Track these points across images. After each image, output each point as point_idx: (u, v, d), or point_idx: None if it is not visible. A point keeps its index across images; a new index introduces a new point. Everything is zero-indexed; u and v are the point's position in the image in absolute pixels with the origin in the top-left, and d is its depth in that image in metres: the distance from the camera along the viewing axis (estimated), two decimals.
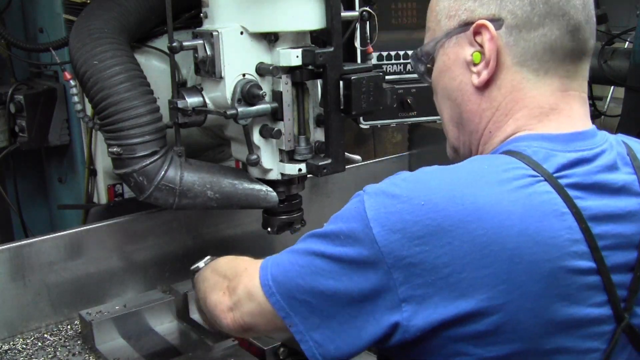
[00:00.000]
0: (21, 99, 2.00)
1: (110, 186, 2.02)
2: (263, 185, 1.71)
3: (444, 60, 1.16)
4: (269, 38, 1.59)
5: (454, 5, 1.13)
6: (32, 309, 1.76)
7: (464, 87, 1.13)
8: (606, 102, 3.85)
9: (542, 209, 0.96)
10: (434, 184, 0.98)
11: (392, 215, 0.97)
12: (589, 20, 1.08)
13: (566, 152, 1.03)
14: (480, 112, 1.12)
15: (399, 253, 0.95)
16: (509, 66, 1.08)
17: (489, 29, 1.06)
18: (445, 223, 0.94)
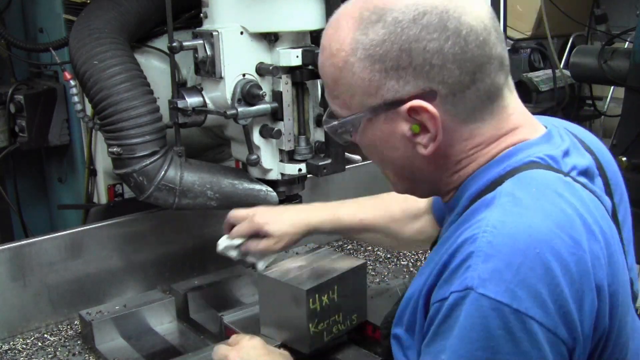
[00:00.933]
0: (21, 99, 2.00)
1: (110, 186, 2.02)
2: (263, 185, 1.72)
3: (375, 133, 1.07)
4: (269, 38, 1.59)
5: (372, 84, 1.01)
6: (32, 309, 1.75)
7: (410, 156, 1.06)
8: (606, 102, 3.85)
9: (592, 203, 1.01)
10: (526, 230, 0.94)
11: (525, 282, 0.90)
12: (502, 39, 1.05)
13: (556, 148, 1.06)
14: (437, 169, 1.08)
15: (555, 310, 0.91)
16: (455, 127, 1.03)
17: (427, 109, 0.99)
18: (564, 254, 0.93)
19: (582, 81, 3.49)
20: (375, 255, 2.19)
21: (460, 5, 0.99)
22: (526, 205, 0.96)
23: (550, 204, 0.96)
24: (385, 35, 0.99)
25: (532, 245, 0.91)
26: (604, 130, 3.91)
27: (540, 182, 0.99)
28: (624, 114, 2.93)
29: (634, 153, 2.69)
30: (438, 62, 0.98)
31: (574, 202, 0.98)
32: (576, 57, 3.23)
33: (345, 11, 1.05)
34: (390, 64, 0.99)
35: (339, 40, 1.03)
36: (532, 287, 0.90)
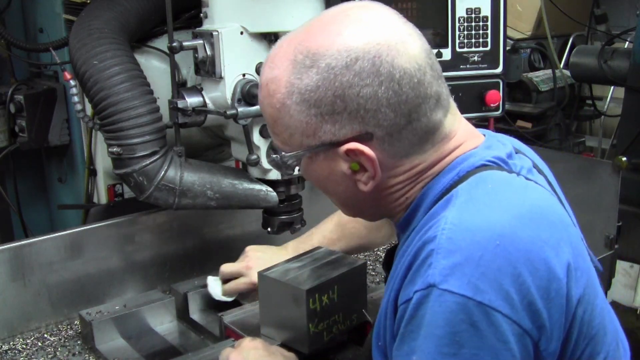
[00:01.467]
0: (21, 99, 2.00)
1: (110, 186, 2.02)
2: (263, 185, 1.72)
3: (316, 169, 1.10)
4: (269, 38, 1.59)
5: (309, 127, 1.03)
6: (32, 309, 1.75)
7: (353, 192, 1.08)
8: (606, 102, 3.85)
9: (547, 198, 1.07)
10: (484, 224, 0.95)
11: (486, 275, 0.91)
12: (439, 76, 1.05)
13: (499, 152, 1.09)
14: (382, 199, 1.10)
15: (518, 300, 0.91)
16: (395, 163, 1.05)
17: (363, 151, 1.01)
18: (529, 245, 0.94)
19: (582, 81, 3.48)
20: (375, 255, 2.19)
21: (393, 48, 0.99)
22: (483, 202, 0.98)
23: (507, 199, 0.99)
24: (319, 81, 1.00)
25: (492, 238, 0.92)
26: (604, 130, 3.91)
27: (496, 180, 1.02)
28: (624, 114, 2.93)
29: (634, 153, 2.69)
30: (372, 106, 0.99)
31: (531, 195, 1.02)
32: (576, 57, 3.23)
33: (280, 51, 1.05)
34: (325, 109, 1.00)
35: (275, 81, 1.04)
36: (494, 279, 0.91)
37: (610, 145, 3.64)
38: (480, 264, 0.91)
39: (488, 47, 2.10)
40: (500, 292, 0.90)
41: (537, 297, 0.92)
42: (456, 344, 0.91)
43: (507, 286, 0.91)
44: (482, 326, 0.90)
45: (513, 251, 0.92)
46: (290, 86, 1.02)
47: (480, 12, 2.08)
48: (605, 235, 2.15)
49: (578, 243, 1.03)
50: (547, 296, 0.93)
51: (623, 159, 2.39)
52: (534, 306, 0.92)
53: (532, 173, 1.11)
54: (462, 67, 2.10)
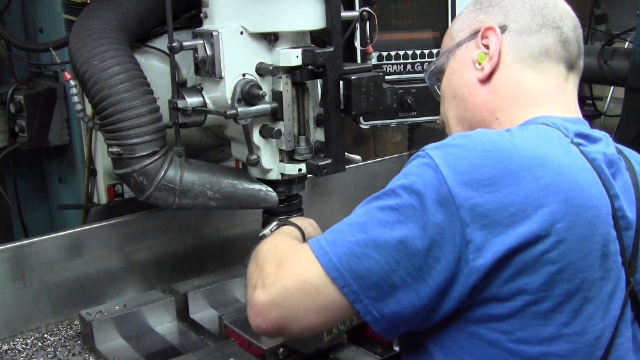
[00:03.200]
0: (21, 99, 2.00)
1: (110, 186, 2.02)
2: (263, 185, 1.71)
3: (454, 66, 1.32)
4: (269, 38, 1.59)
5: (466, 20, 1.33)
6: (32, 309, 1.76)
7: (469, 83, 1.28)
8: (606, 102, 3.85)
9: (581, 165, 1.10)
10: (494, 137, 1.08)
11: (460, 161, 1.04)
12: (578, 40, 1.28)
13: (578, 129, 1.17)
14: (486, 103, 1.26)
15: (467, 194, 1.02)
16: (509, 63, 1.25)
17: (495, 30, 1.25)
18: (512, 166, 1.03)
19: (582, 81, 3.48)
20: None
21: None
22: (512, 132, 1.11)
23: (534, 137, 1.11)
24: None
25: (490, 146, 1.06)
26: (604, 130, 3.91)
27: (538, 129, 1.15)
28: (624, 114, 2.93)
29: None
30: (518, 5, 1.27)
31: (558, 150, 1.09)
32: None
33: None
34: (486, 3, 1.31)
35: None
36: (464, 167, 1.04)
37: None
38: (463, 154, 1.05)
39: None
40: (460, 176, 1.03)
41: (487, 205, 1.01)
42: (404, 187, 1.06)
43: (468, 179, 1.02)
44: (429, 187, 1.04)
45: (494, 162, 1.03)
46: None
47: None
48: None
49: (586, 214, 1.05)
50: (504, 218, 1.01)
51: None
52: (479, 208, 1.01)
53: (605, 156, 1.15)
54: None
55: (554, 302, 1.03)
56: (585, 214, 1.05)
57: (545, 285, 1.03)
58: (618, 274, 1.10)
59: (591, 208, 1.06)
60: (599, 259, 1.06)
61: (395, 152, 2.62)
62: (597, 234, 1.06)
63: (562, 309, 1.04)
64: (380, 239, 1.05)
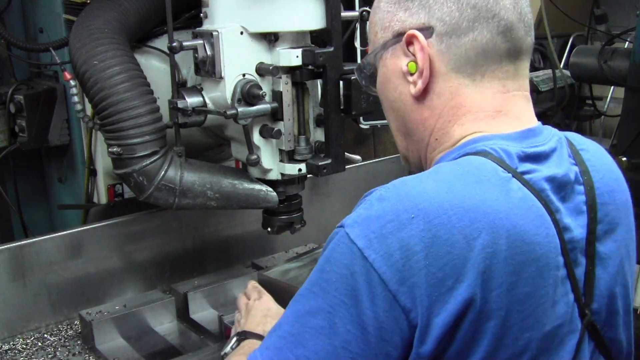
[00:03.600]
0: (21, 99, 2.00)
1: (110, 186, 2.02)
2: (263, 185, 1.71)
3: (384, 71, 1.15)
4: (269, 38, 1.59)
5: (387, 17, 1.12)
6: (32, 309, 1.76)
7: (404, 97, 1.12)
8: (606, 102, 3.84)
9: (522, 206, 0.96)
10: (416, 195, 0.95)
11: (384, 238, 0.92)
12: (522, 19, 1.08)
13: (523, 149, 1.04)
14: (423, 121, 1.11)
15: (402, 275, 0.91)
16: (444, 73, 1.07)
17: (418, 39, 1.06)
18: (440, 232, 0.91)
19: (582, 81, 3.48)
20: None
21: None
22: (438, 178, 0.98)
23: (462, 184, 0.96)
24: None
25: (412, 209, 0.93)
26: (604, 130, 3.91)
27: (472, 166, 0.99)
28: (624, 114, 2.93)
29: (634, 153, 2.69)
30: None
31: (493, 193, 0.95)
32: (576, 57, 3.23)
33: None
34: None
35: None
36: (390, 245, 0.92)
37: (610, 145, 3.64)
38: (387, 227, 0.93)
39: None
40: (388, 259, 0.91)
41: (424, 284, 0.91)
42: (331, 282, 0.95)
43: (398, 258, 0.91)
44: (358, 278, 0.93)
45: (419, 231, 0.92)
46: None
47: None
48: None
49: (528, 265, 0.95)
50: (436, 287, 0.91)
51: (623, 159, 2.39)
52: (418, 290, 0.91)
53: (552, 183, 1.03)
54: None
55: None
56: (529, 268, 0.94)
57: (490, 353, 0.94)
58: (569, 314, 1.01)
59: (536, 259, 0.95)
60: (549, 310, 0.97)
61: (395, 152, 2.61)
62: (544, 286, 0.96)
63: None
64: (322, 351, 0.95)
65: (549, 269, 0.96)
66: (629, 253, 1.13)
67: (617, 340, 1.12)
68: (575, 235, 1.03)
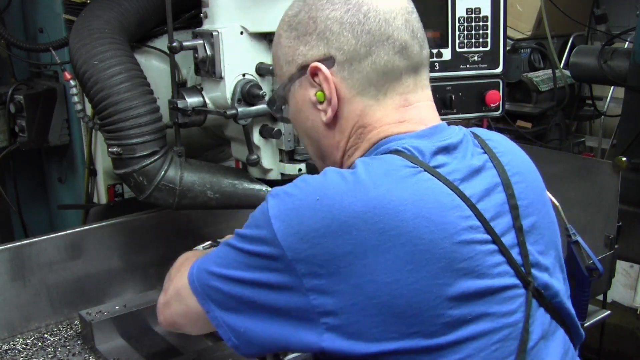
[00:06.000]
0: (21, 99, 1.99)
1: (110, 186, 2.02)
2: (263, 185, 1.72)
3: (294, 103, 1.20)
4: (269, 38, 1.59)
5: (289, 51, 1.17)
6: (32, 309, 1.75)
7: (316, 125, 1.17)
8: (606, 102, 3.85)
9: (430, 193, 1.02)
10: (328, 182, 1.03)
11: (290, 212, 1.01)
12: (414, 35, 1.13)
13: (433, 143, 1.10)
14: (336, 144, 1.17)
15: (298, 246, 0.99)
16: (350, 98, 1.12)
17: (321, 70, 1.11)
18: (341, 215, 0.98)
19: (582, 81, 3.48)
20: None
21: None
22: (351, 170, 1.05)
23: (370, 175, 1.02)
24: (300, 7, 1.16)
25: (319, 193, 1.01)
26: (604, 130, 3.91)
27: (383, 162, 1.06)
28: (624, 114, 2.93)
29: (634, 153, 2.69)
30: (336, 29, 1.10)
31: (400, 183, 1.01)
32: (576, 57, 3.23)
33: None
34: (301, 30, 1.14)
35: (279, 19, 1.21)
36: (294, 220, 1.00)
37: (610, 145, 3.64)
38: (295, 204, 1.02)
39: (488, 47, 2.10)
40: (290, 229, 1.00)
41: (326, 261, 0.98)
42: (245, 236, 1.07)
43: (297, 228, 1.00)
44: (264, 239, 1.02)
45: (322, 212, 0.99)
46: (283, 17, 1.19)
47: (480, 12, 2.08)
48: (605, 235, 2.15)
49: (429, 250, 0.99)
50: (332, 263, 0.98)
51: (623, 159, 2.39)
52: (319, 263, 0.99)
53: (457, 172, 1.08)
54: (462, 67, 2.10)
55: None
56: (440, 246, 0.98)
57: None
58: (506, 279, 1.05)
59: (447, 237, 0.99)
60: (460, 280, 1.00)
61: None
62: (461, 259, 1.00)
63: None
64: (229, 275, 1.09)
65: (466, 244, 1.00)
66: (552, 224, 1.20)
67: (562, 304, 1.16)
68: (495, 213, 1.07)
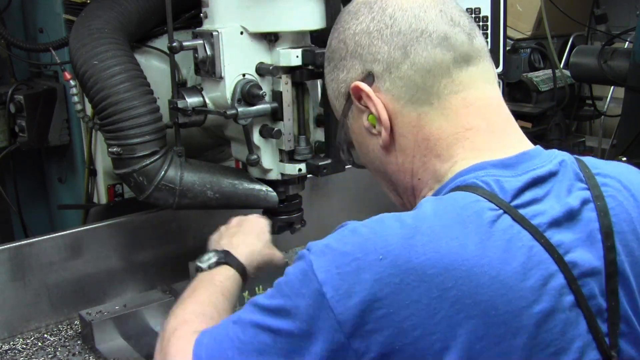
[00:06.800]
0: (21, 99, 1.99)
1: (110, 186, 2.02)
2: (263, 185, 1.72)
3: (355, 138, 1.12)
4: (269, 38, 1.59)
5: (333, 85, 1.10)
6: (32, 309, 1.75)
7: (377, 153, 1.07)
8: (606, 102, 3.85)
9: (510, 248, 0.87)
10: (390, 234, 0.87)
11: (346, 276, 0.85)
12: (456, 24, 1.01)
13: (519, 175, 0.94)
14: (401, 168, 1.05)
15: (359, 320, 0.84)
16: (400, 109, 1.01)
17: (362, 88, 1.02)
18: (409, 279, 0.83)
19: (582, 81, 3.48)
20: None
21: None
22: (417, 216, 0.90)
23: (442, 226, 0.88)
24: (331, 37, 1.11)
25: (382, 250, 0.86)
26: (604, 130, 3.91)
27: (456, 205, 0.91)
28: (624, 114, 2.93)
29: (634, 153, 2.69)
30: (365, 41, 1.02)
31: (475, 237, 0.86)
32: (576, 57, 3.23)
33: None
34: (336, 57, 1.08)
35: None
36: (351, 285, 0.85)
37: (610, 145, 3.64)
38: (351, 265, 0.86)
39: (488, 47, 2.09)
40: (347, 300, 0.85)
41: (385, 331, 0.84)
42: (283, 307, 0.90)
43: (357, 301, 0.84)
44: (312, 312, 0.87)
45: (386, 275, 0.84)
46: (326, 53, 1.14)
47: (480, 12, 2.08)
48: None
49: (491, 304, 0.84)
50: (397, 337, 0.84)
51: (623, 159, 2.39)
52: (375, 336, 0.84)
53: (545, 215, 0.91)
54: None
55: None
56: (519, 318, 0.84)
57: None
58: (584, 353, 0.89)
59: (527, 307, 0.85)
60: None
61: None
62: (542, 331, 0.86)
63: None
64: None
65: (547, 314, 0.86)
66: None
67: None
68: (585, 269, 0.90)
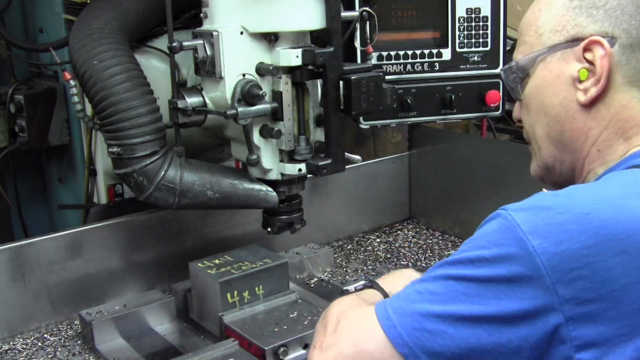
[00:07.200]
0: (21, 99, 2.00)
1: (110, 186, 2.02)
2: (263, 185, 1.72)
3: (544, 75, 1.12)
4: (269, 38, 1.59)
5: (561, 20, 1.09)
6: (32, 309, 1.76)
7: (568, 104, 1.09)
8: None
9: None
10: (590, 196, 0.93)
11: (553, 227, 0.88)
12: None
13: None
14: (586, 131, 1.09)
15: (566, 265, 0.87)
16: (619, 85, 1.06)
17: (603, 45, 1.04)
18: (617, 231, 0.87)
19: None
20: (375, 255, 2.19)
21: None
22: (613, 183, 0.97)
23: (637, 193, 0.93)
24: None
25: (587, 206, 0.90)
26: None
27: (633, 178, 0.97)
28: None
29: None
30: (630, 10, 1.04)
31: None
32: None
33: None
34: (587, 1, 1.07)
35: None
36: (558, 235, 0.88)
37: None
38: (556, 218, 0.89)
39: (488, 47, 2.10)
40: (557, 246, 0.87)
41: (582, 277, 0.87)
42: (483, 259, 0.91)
43: (565, 248, 0.87)
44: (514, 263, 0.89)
45: (593, 227, 0.88)
46: None
47: (480, 12, 2.08)
48: None
49: None
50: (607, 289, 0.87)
51: None
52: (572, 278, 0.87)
53: None
54: (462, 67, 2.10)
55: None
56: None
57: None
58: None
59: None
60: None
61: (395, 152, 2.61)
62: None
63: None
64: (456, 313, 0.92)
65: None
66: None
67: None
68: None
